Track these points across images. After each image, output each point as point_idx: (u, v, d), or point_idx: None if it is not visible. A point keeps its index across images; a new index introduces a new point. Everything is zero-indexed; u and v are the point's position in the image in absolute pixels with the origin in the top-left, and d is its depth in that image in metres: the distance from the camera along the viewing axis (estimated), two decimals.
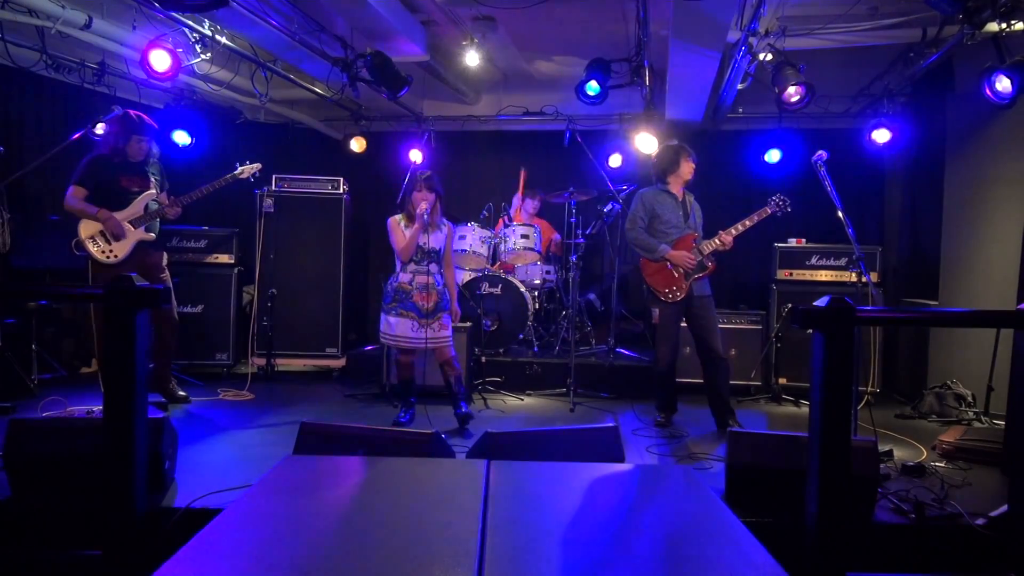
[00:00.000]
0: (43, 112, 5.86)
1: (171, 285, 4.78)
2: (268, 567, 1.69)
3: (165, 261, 4.88)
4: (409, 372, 4.61)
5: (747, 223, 4.61)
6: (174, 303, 4.93)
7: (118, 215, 4.56)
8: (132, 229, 4.60)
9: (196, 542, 1.78)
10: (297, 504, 2.16)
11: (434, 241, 4.48)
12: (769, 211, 4.62)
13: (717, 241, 4.60)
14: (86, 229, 4.57)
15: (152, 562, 1.68)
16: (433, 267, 4.47)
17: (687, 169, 4.70)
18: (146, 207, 4.67)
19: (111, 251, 4.57)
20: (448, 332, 4.53)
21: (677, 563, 1.80)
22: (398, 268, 4.53)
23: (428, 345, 4.42)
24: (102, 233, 4.56)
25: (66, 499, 2.92)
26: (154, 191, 4.71)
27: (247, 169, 5.26)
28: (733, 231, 4.61)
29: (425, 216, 4.36)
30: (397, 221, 4.51)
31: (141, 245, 4.65)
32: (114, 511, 2.21)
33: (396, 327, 4.43)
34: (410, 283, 4.45)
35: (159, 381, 4.88)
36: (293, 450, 3.13)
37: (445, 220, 4.63)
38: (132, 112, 4.62)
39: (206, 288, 6.08)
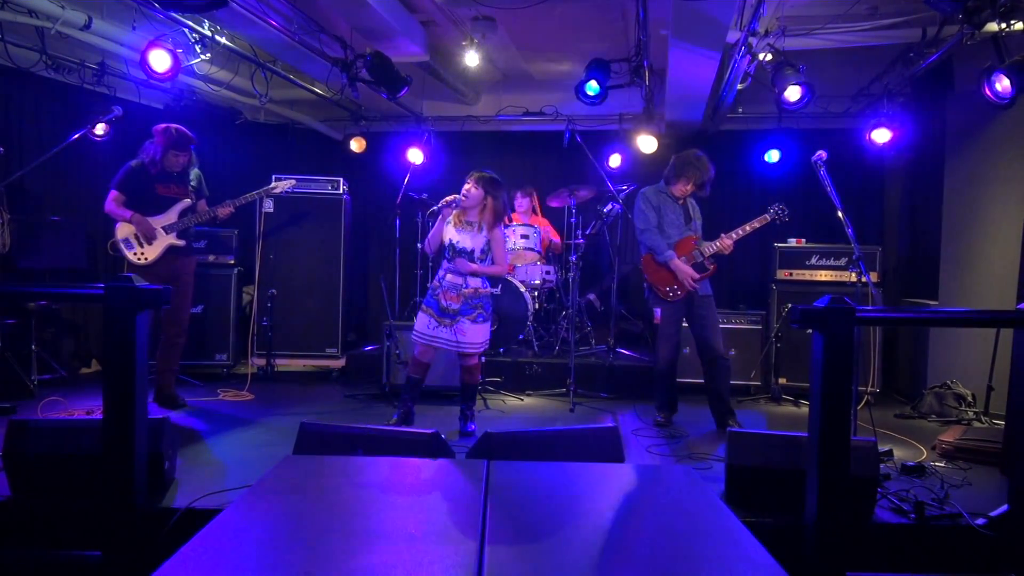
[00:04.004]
0: (43, 112, 5.86)
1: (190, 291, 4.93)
2: (268, 567, 1.69)
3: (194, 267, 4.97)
4: (419, 372, 4.40)
5: (747, 228, 4.62)
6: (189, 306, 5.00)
7: (151, 220, 4.66)
8: (163, 234, 4.69)
9: (196, 542, 1.78)
10: (297, 504, 2.16)
11: (467, 242, 4.27)
12: (768, 218, 4.64)
13: (717, 244, 4.60)
14: (122, 231, 4.67)
15: (152, 562, 1.68)
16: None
17: (680, 189, 4.66)
18: (180, 214, 4.74)
19: (143, 254, 4.67)
20: (468, 339, 4.27)
21: (677, 563, 1.80)
22: (440, 265, 4.44)
23: (442, 346, 4.28)
24: (136, 236, 4.66)
25: (66, 499, 2.92)
26: (189, 200, 4.78)
27: (282, 184, 5.42)
28: (734, 235, 4.60)
29: (453, 204, 4.23)
30: (432, 212, 4.34)
31: (172, 250, 4.72)
32: (114, 511, 2.21)
33: (418, 322, 4.34)
34: (440, 281, 4.34)
35: (163, 387, 4.85)
36: (293, 450, 3.14)
37: (496, 226, 4.32)
38: (172, 126, 4.67)
39: (206, 288, 6.07)
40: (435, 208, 4.32)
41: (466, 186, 4.29)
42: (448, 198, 4.30)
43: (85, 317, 6.23)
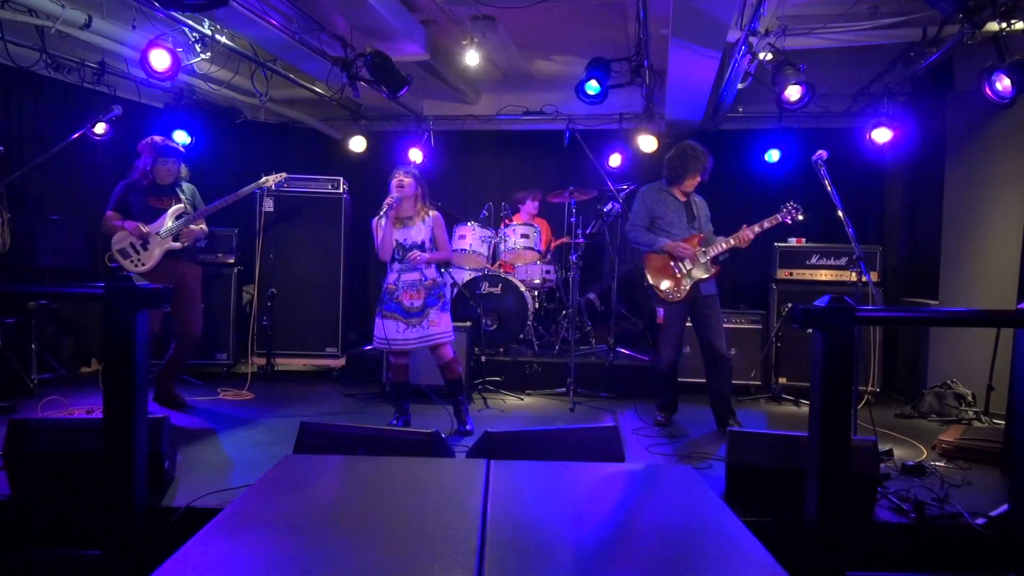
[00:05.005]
0: (43, 112, 5.86)
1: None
2: (268, 567, 1.69)
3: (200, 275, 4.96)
4: (402, 376, 4.44)
5: (765, 225, 4.56)
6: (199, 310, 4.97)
7: (144, 227, 4.67)
8: (158, 239, 4.68)
9: (196, 542, 1.78)
10: (297, 504, 2.15)
11: (415, 235, 4.32)
12: (779, 218, 4.57)
13: (733, 240, 4.53)
14: (118, 240, 4.68)
15: (152, 562, 1.68)
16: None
17: (691, 183, 4.68)
18: (175, 219, 4.73)
19: (140, 260, 4.67)
20: (439, 328, 4.30)
21: (677, 563, 1.80)
22: (388, 269, 4.43)
23: (416, 345, 4.29)
24: (132, 245, 4.66)
25: (66, 498, 2.92)
26: (182, 206, 4.77)
27: (271, 179, 5.37)
28: (751, 232, 4.53)
29: (392, 201, 4.26)
30: (378, 220, 4.32)
31: (171, 256, 4.71)
32: (114, 511, 2.21)
33: (383, 329, 4.30)
34: (395, 283, 4.32)
35: (163, 387, 4.84)
36: (293, 450, 3.14)
37: (429, 211, 4.40)
38: (157, 137, 4.72)
39: (206, 288, 6.03)
40: (381, 214, 4.30)
41: (396, 180, 4.34)
42: (388, 200, 4.31)
43: (85, 316, 6.23)
